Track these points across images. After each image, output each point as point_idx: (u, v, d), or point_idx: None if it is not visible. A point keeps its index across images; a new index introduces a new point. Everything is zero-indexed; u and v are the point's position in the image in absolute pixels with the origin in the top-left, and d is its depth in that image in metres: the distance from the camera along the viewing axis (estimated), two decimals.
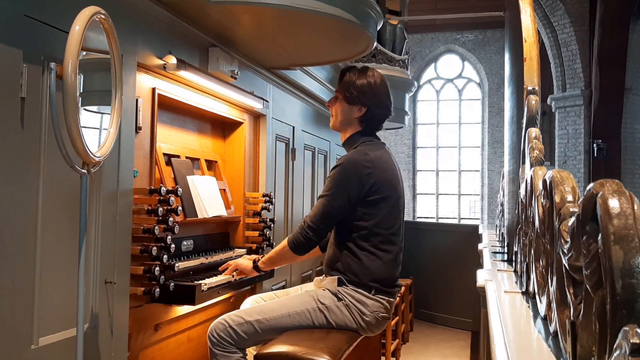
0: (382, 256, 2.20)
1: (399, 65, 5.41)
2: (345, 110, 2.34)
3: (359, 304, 2.16)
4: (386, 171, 2.24)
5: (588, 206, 0.75)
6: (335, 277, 2.20)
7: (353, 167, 2.18)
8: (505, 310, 1.63)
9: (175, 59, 2.36)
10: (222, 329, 2.12)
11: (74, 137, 1.56)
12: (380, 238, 2.20)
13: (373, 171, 2.18)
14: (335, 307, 2.16)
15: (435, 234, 7.01)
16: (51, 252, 1.73)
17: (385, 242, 2.21)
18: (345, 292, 2.17)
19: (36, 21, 1.66)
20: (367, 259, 2.18)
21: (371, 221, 2.19)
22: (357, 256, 2.19)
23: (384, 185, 2.20)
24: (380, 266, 2.19)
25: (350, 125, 2.35)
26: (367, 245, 2.19)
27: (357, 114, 2.32)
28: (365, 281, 2.17)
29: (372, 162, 2.19)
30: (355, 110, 2.32)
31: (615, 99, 8.55)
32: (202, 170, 2.94)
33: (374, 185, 2.18)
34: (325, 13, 2.51)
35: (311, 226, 2.18)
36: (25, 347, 1.64)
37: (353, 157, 2.22)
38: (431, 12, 10.74)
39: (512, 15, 3.62)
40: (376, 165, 2.20)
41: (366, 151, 2.23)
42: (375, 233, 2.19)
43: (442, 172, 13.69)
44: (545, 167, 1.67)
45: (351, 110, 2.33)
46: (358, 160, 2.20)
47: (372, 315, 2.17)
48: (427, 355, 5.09)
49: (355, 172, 2.17)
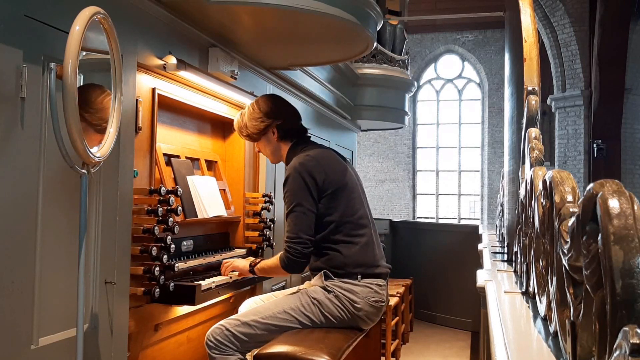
0: (357, 241, 2.28)
1: (398, 65, 5.41)
2: (265, 144, 2.51)
3: (348, 292, 2.21)
4: (331, 164, 2.34)
5: (588, 206, 0.75)
6: (321, 273, 2.26)
7: (302, 169, 2.26)
8: (505, 311, 1.63)
9: (175, 59, 2.36)
10: (218, 333, 2.14)
11: (74, 137, 1.56)
12: (350, 226, 2.28)
13: (319, 167, 2.28)
14: (326, 300, 2.21)
15: (435, 234, 7.01)
16: (51, 252, 1.73)
17: (356, 227, 2.29)
18: (333, 285, 2.23)
19: (36, 21, 1.66)
20: (344, 248, 2.25)
21: (336, 213, 2.26)
22: (334, 249, 2.25)
23: (333, 176, 2.29)
24: (357, 251, 2.26)
25: (279, 148, 2.49)
26: (339, 237, 2.26)
27: (274, 137, 2.47)
28: (349, 270, 2.24)
29: (315, 159, 2.30)
30: (270, 137, 2.47)
31: (615, 99, 8.56)
32: (202, 170, 2.94)
33: (326, 179, 2.26)
34: (325, 13, 2.51)
35: (295, 240, 2.21)
36: (25, 347, 1.64)
37: (296, 162, 2.31)
38: (431, 12, 10.75)
39: (512, 15, 3.62)
40: (320, 161, 2.30)
41: (305, 153, 2.33)
42: (343, 222, 2.27)
43: (442, 172, 13.69)
44: (545, 167, 1.67)
45: (268, 140, 2.48)
46: (301, 162, 2.29)
47: (363, 301, 2.22)
48: (427, 356, 5.09)
49: (306, 172, 2.25)
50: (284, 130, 2.46)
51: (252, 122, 2.47)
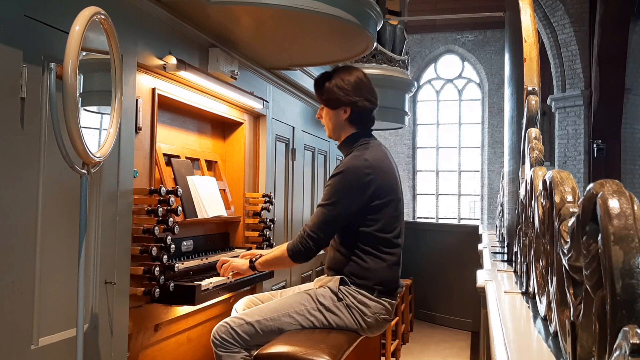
0: (386, 259, 2.19)
1: (398, 65, 5.41)
2: (332, 116, 2.34)
3: (361, 305, 2.15)
4: (387, 175, 2.22)
5: (588, 206, 0.75)
6: (338, 277, 2.19)
7: (354, 175, 2.15)
8: (505, 311, 1.63)
9: (175, 59, 2.36)
10: (224, 331, 2.12)
11: (74, 137, 1.56)
12: (385, 242, 2.19)
13: (374, 177, 2.15)
14: (334, 308, 2.15)
15: (435, 234, 7.01)
16: (51, 252, 1.73)
17: (389, 245, 2.20)
18: (346, 292, 2.16)
19: (36, 21, 1.66)
20: (373, 262, 2.17)
21: (375, 226, 2.17)
22: (363, 259, 2.17)
23: (385, 190, 2.18)
24: (384, 269, 2.18)
25: (343, 129, 2.34)
26: (371, 249, 2.18)
27: (344, 115, 2.31)
28: (370, 284, 2.16)
29: (372, 167, 2.17)
30: (341, 113, 2.31)
31: (615, 99, 8.56)
32: (202, 170, 2.94)
33: (376, 191, 2.15)
34: (325, 13, 2.51)
35: (311, 235, 2.14)
36: (25, 347, 1.64)
37: (353, 164, 2.18)
38: (431, 12, 10.75)
39: (512, 15, 3.62)
40: (376, 171, 2.17)
41: (365, 156, 2.19)
42: (379, 237, 2.18)
43: (442, 173, 13.69)
44: (545, 167, 1.67)
45: (337, 115, 2.32)
46: (358, 166, 2.16)
47: (373, 316, 2.17)
48: (427, 356, 5.09)
49: (357, 179, 2.14)
50: (358, 113, 2.31)
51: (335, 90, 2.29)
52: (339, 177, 2.16)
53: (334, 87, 2.30)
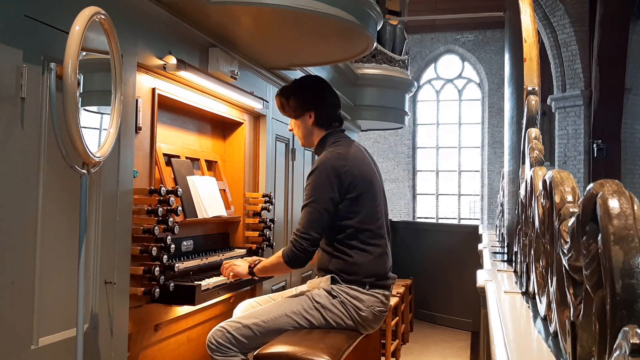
0: (372, 251, 2.23)
1: (398, 65, 5.41)
2: (299, 124, 2.43)
3: (355, 300, 2.18)
4: (362, 166, 2.27)
5: (588, 206, 0.75)
6: (328, 276, 2.22)
7: (330, 167, 2.20)
8: (505, 311, 1.63)
9: (175, 59, 2.36)
10: (220, 335, 2.12)
11: (74, 137, 1.56)
12: (368, 234, 2.23)
13: (349, 168, 2.21)
14: (330, 305, 2.18)
15: (435, 234, 7.01)
16: (51, 252, 1.73)
17: (374, 236, 2.24)
18: (339, 290, 2.19)
19: (36, 21, 1.66)
20: (358, 256, 2.21)
21: (356, 218, 2.21)
22: (348, 254, 2.21)
23: (361, 180, 2.23)
24: (371, 261, 2.22)
25: (312, 134, 2.42)
26: (356, 243, 2.21)
27: (310, 120, 2.39)
28: (359, 278, 2.19)
29: (346, 159, 2.23)
30: (306, 119, 2.39)
31: (615, 99, 8.56)
32: (202, 170, 2.94)
33: (353, 182, 2.20)
34: (325, 13, 2.51)
35: (303, 237, 2.16)
36: (25, 347, 1.63)
37: (327, 158, 2.24)
38: (431, 12, 10.75)
39: (512, 15, 3.62)
40: (351, 162, 2.23)
41: (338, 150, 2.26)
42: (362, 229, 2.22)
43: (442, 173, 13.69)
44: (545, 167, 1.67)
45: (304, 121, 2.40)
46: (332, 159, 2.22)
47: (369, 310, 2.19)
48: (427, 356, 5.09)
49: (333, 171, 2.19)
50: (322, 116, 2.38)
51: (294, 99, 2.39)
52: (315, 174, 2.22)
53: (292, 98, 2.40)
